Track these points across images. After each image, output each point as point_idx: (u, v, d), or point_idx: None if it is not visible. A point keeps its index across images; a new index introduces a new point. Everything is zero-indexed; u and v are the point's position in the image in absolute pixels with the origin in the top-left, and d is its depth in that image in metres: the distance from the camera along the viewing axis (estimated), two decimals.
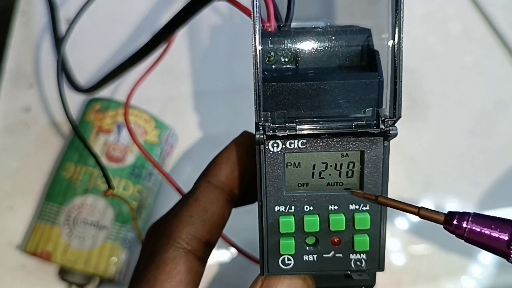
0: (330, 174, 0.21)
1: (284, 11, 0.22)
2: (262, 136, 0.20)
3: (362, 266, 0.22)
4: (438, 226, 0.20)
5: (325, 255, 0.22)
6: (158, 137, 0.41)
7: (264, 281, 0.22)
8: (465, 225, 0.18)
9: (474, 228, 0.18)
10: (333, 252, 0.22)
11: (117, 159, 0.39)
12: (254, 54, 0.19)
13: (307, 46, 0.21)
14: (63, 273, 0.38)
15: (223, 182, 0.25)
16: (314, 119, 0.20)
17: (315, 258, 0.22)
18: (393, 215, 0.42)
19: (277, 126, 0.20)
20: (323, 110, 0.20)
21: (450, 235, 0.20)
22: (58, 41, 0.48)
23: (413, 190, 0.44)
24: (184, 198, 0.25)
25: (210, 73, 0.49)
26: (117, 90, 0.46)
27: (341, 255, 0.22)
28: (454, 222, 0.19)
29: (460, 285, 0.40)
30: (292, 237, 0.21)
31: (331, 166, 0.21)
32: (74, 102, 0.45)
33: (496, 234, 0.18)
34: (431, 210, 0.19)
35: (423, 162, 0.45)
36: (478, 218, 0.18)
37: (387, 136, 0.20)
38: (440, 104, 0.48)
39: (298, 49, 0.21)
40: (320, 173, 0.21)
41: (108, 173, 0.34)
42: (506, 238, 0.18)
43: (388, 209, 0.21)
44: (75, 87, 0.44)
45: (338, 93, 0.20)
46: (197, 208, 0.24)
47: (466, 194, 0.44)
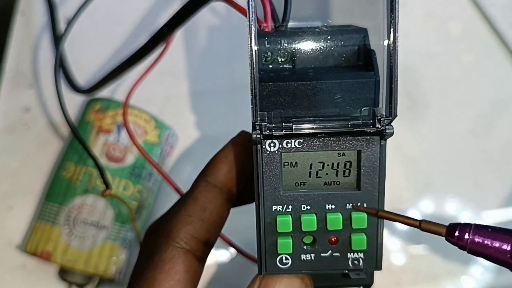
0: (327, 174, 0.21)
1: (280, 11, 0.22)
2: (258, 135, 0.20)
3: (360, 265, 0.22)
4: None
5: (322, 254, 0.22)
6: (158, 137, 0.41)
7: (262, 280, 0.22)
8: (467, 236, 0.19)
9: (476, 239, 0.18)
10: (330, 251, 0.22)
11: (117, 159, 0.39)
12: (250, 54, 0.19)
13: (304, 46, 0.21)
14: (63, 273, 0.38)
15: (222, 182, 0.25)
16: (311, 119, 0.20)
17: (313, 257, 0.22)
18: None
19: (273, 125, 0.20)
20: (320, 110, 0.20)
21: None
22: (58, 41, 0.48)
23: (413, 190, 0.44)
24: (182, 197, 0.25)
25: (209, 73, 0.49)
26: (116, 90, 0.46)
27: (338, 254, 0.22)
28: (456, 234, 0.19)
29: (460, 285, 0.40)
30: (289, 236, 0.21)
31: (328, 165, 0.21)
32: (74, 102, 0.45)
33: (498, 245, 0.18)
34: (433, 222, 0.19)
35: (423, 162, 0.45)
36: (480, 229, 0.19)
37: (384, 135, 0.20)
38: (440, 104, 0.48)
39: (295, 49, 0.21)
40: (317, 172, 0.21)
41: (105, 173, 0.34)
42: (508, 248, 0.18)
43: (385, 207, 0.21)
44: (74, 88, 0.44)
45: (334, 92, 0.20)
46: (195, 207, 0.24)
47: (466, 194, 0.44)
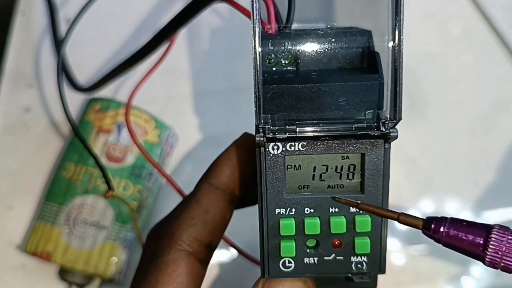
0: (330, 177, 0.21)
1: (284, 13, 0.22)
2: (262, 138, 0.20)
3: (363, 268, 0.22)
4: None
5: (325, 258, 0.22)
6: (158, 137, 0.41)
7: (265, 283, 0.22)
8: (442, 229, 0.19)
9: (451, 232, 0.19)
10: (334, 254, 0.22)
11: (117, 159, 0.39)
12: (254, 56, 0.19)
13: (308, 48, 0.21)
14: (63, 273, 0.38)
15: (224, 184, 0.24)
16: (315, 122, 0.20)
17: (316, 261, 0.22)
18: None
19: (277, 128, 0.20)
20: (324, 112, 0.20)
21: None
22: (58, 41, 0.48)
23: (413, 190, 0.44)
24: (185, 200, 0.25)
25: (210, 73, 0.49)
26: (117, 90, 0.46)
27: (342, 258, 0.22)
28: (432, 226, 0.19)
29: (460, 285, 0.40)
30: (292, 239, 0.21)
31: (332, 168, 0.21)
32: (74, 102, 0.45)
33: (471, 238, 0.18)
34: (410, 215, 0.19)
35: (423, 162, 0.45)
36: (455, 223, 0.19)
37: (388, 138, 0.20)
38: (440, 104, 0.48)
39: (299, 51, 0.21)
40: (320, 175, 0.21)
41: (108, 174, 0.34)
42: (481, 241, 0.18)
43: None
44: (75, 86, 0.44)
45: (338, 95, 0.20)
46: (198, 209, 0.24)
47: (466, 194, 0.44)
